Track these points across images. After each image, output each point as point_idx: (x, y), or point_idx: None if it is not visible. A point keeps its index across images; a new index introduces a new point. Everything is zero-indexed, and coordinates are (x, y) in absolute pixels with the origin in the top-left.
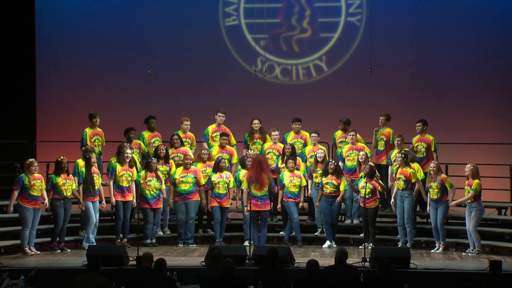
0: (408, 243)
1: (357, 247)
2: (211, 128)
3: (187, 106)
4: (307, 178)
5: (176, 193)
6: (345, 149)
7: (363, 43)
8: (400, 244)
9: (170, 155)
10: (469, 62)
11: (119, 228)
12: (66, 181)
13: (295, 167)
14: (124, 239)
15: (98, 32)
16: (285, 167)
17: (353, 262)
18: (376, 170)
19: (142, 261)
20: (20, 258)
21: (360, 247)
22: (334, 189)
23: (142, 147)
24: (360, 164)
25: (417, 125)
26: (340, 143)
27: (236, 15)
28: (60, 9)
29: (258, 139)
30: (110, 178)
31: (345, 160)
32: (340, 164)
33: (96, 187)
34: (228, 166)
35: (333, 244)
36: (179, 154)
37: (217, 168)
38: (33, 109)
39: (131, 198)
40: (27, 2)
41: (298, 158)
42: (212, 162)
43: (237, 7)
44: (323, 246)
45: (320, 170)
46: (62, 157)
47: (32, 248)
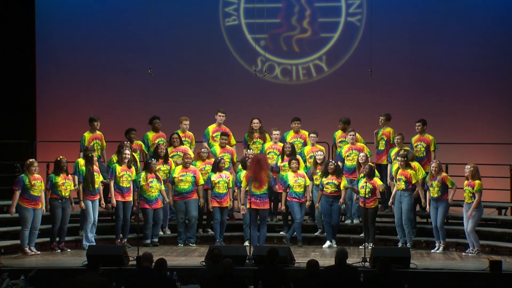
0: (408, 243)
1: (357, 247)
2: (211, 128)
3: (187, 106)
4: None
5: (175, 192)
6: (345, 149)
7: (363, 43)
8: (400, 244)
9: (170, 154)
10: (469, 62)
11: (119, 228)
12: (66, 181)
13: (298, 166)
14: (124, 239)
15: (98, 32)
16: (288, 167)
17: (353, 262)
18: (376, 170)
19: (142, 261)
20: (20, 258)
21: (360, 247)
22: (335, 189)
23: (143, 149)
24: (360, 165)
25: (417, 125)
26: (340, 143)
27: (236, 15)
28: (60, 9)
29: (258, 139)
30: (110, 179)
31: (345, 160)
32: (340, 164)
33: (96, 186)
34: (229, 166)
35: (334, 244)
36: (179, 153)
37: (217, 168)
38: (33, 109)
39: (131, 199)
40: (27, 3)
41: (298, 157)
42: (212, 160)
43: (237, 7)
44: (323, 246)
45: (320, 172)
46: (61, 157)
47: (33, 248)
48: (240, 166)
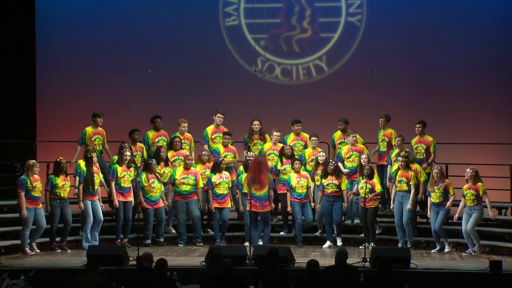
0: (409, 243)
1: (357, 247)
2: (210, 130)
3: (187, 106)
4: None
5: (176, 193)
6: (345, 150)
7: (363, 43)
8: (400, 245)
9: (171, 158)
10: (469, 62)
11: (119, 229)
12: (65, 183)
13: (301, 167)
14: (125, 239)
15: (98, 32)
16: (291, 168)
17: (353, 262)
18: (377, 172)
19: (142, 261)
20: (20, 258)
21: (360, 247)
22: (336, 189)
23: (145, 152)
24: (362, 166)
25: (417, 127)
26: (340, 144)
27: (236, 15)
28: (60, 9)
29: (258, 140)
30: (112, 180)
31: (344, 161)
32: (340, 165)
33: (96, 187)
34: (233, 165)
35: (339, 243)
36: (180, 157)
37: (217, 169)
38: (33, 109)
39: (131, 199)
40: (28, 2)
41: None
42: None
43: (237, 7)
44: (324, 246)
45: (320, 173)
46: (61, 158)
47: (34, 246)
48: (241, 169)
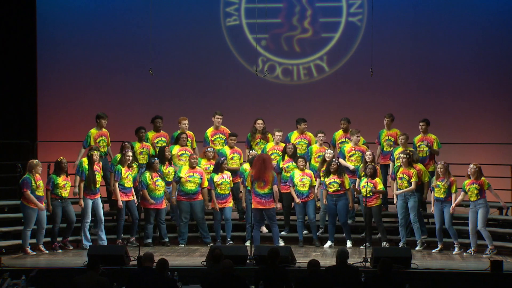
0: (418, 241)
1: (358, 247)
2: (210, 132)
3: (188, 106)
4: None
5: (181, 192)
6: (347, 149)
7: (364, 43)
8: (401, 244)
9: (178, 152)
10: (470, 62)
11: (121, 228)
12: (66, 182)
13: (305, 165)
14: (132, 238)
15: (99, 32)
16: (295, 166)
17: (354, 262)
18: (381, 171)
19: (143, 261)
20: (21, 258)
21: (361, 247)
22: (338, 188)
23: (151, 149)
24: (366, 163)
25: (421, 125)
26: (341, 143)
27: (237, 15)
28: (61, 10)
29: (260, 140)
30: (116, 181)
31: (346, 160)
32: (342, 161)
33: (97, 186)
34: (239, 166)
35: (350, 244)
36: (187, 152)
37: (219, 169)
38: (34, 109)
39: (133, 198)
40: (28, 3)
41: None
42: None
43: (238, 7)
44: (325, 246)
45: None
46: (62, 158)
47: (41, 247)
48: (245, 167)
